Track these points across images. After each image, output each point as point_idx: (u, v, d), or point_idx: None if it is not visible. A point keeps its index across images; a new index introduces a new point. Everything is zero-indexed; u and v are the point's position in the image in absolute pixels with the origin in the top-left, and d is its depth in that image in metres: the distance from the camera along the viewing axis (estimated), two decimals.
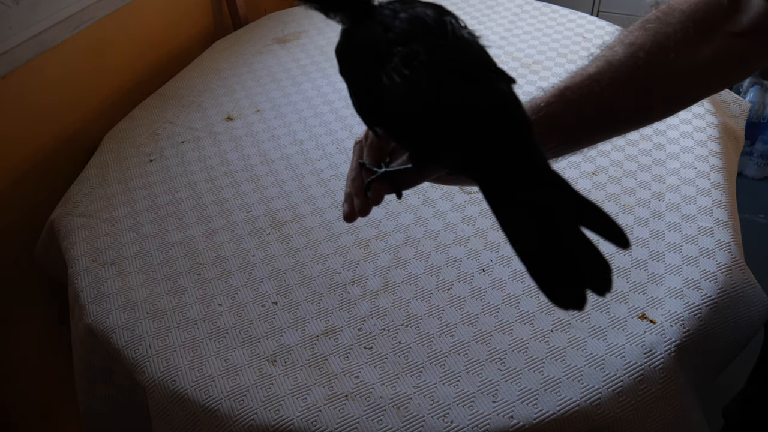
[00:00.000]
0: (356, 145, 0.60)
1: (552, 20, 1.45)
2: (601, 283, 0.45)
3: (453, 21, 0.49)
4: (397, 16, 0.48)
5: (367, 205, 0.57)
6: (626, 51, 0.57)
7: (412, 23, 0.48)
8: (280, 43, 1.42)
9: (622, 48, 0.58)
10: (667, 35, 0.57)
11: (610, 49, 0.59)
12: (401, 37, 0.47)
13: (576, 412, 0.67)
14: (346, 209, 0.58)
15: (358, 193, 0.57)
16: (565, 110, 0.57)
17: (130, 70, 1.27)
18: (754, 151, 2.02)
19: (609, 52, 0.58)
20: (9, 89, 0.99)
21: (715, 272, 0.81)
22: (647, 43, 0.57)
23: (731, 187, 0.97)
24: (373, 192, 0.56)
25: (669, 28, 0.57)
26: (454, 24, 0.49)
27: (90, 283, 0.84)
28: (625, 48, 0.58)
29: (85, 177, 1.03)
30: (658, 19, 0.58)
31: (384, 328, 0.77)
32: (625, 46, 0.58)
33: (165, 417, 0.71)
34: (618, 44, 0.58)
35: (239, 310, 0.80)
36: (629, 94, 0.57)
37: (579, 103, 0.57)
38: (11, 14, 0.95)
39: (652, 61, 0.56)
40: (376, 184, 0.56)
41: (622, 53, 0.57)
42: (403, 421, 0.66)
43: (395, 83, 0.46)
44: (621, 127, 0.63)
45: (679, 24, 0.57)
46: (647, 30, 0.58)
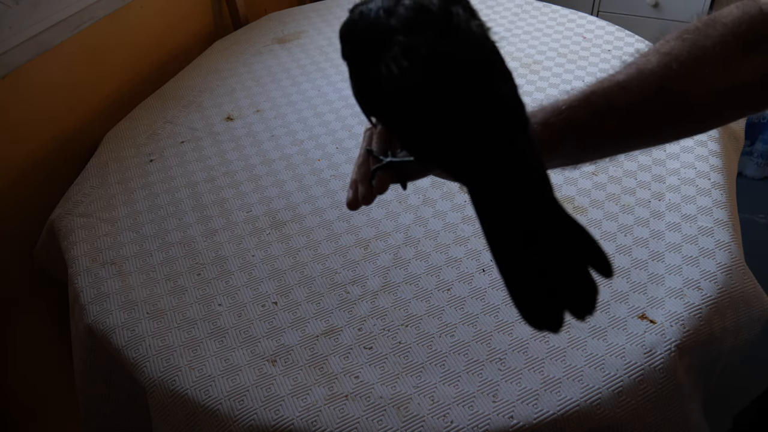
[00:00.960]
0: (366, 132, 0.59)
1: (552, 20, 1.45)
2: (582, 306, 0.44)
3: (460, 11, 0.47)
4: (401, 2, 0.47)
5: (371, 193, 0.55)
6: (660, 60, 0.54)
7: (416, 11, 0.46)
8: (280, 43, 1.42)
9: (656, 57, 0.55)
10: (705, 48, 0.53)
11: (643, 57, 0.56)
12: (404, 24, 0.45)
13: (576, 412, 0.67)
14: (350, 195, 0.57)
15: (363, 180, 0.55)
16: (587, 115, 0.55)
17: (130, 70, 1.27)
18: (754, 151, 2.02)
19: (642, 60, 0.55)
20: (9, 89, 0.99)
21: (715, 272, 0.81)
22: (683, 54, 0.53)
23: (731, 187, 0.97)
24: (378, 180, 0.54)
25: (708, 40, 0.53)
26: (461, 15, 0.47)
27: (90, 283, 0.84)
28: (659, 57, 0.54)
29: (85, 177, 1.03)
30: (697, 30, 0.55)
31: (384, 328, 0.77)
32: (660, 56, 0.54)
33: (165, 417, 0.71)
34: (653, 53, 0.55)
35: (239, 310, 0.80)
36: (658, 106, 0.54)
37: (603, 109, 0.55)
38: (11, 14, 0.95)
39: (686, 74, 0.53)
40: (381, 172, 0.54)
41: (655, 62, 0.54)
42: (403, 421, 0.66)
43: (393, 74, 0.45)
44: (647, 140, 0.60)
45: (720, 37, 0.53)
46: (684, 40, 0.54)
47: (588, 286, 0.44)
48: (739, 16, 0.53)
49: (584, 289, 0.44)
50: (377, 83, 0.46)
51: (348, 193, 0.56)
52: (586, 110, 0.55)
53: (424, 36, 0.45)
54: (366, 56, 0.47)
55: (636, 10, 2.03)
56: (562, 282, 0.44)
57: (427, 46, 0.45)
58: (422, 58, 0.44)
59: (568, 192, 0.95)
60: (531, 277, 0.44)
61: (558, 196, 0.45)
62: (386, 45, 0.45)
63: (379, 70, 0.46)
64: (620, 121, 0.55)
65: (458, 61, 0.45)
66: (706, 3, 1.94)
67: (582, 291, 0.44)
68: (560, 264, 0.43)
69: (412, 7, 0.46)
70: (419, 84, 0.45)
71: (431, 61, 0.44)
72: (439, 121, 0.45)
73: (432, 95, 0.45)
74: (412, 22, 0.45)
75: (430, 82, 0.44)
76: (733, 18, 0.53)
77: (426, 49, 0.45)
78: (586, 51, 1.32)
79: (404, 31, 0.45)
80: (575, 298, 0.44)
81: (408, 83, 0.45)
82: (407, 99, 0.45)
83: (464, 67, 0.45)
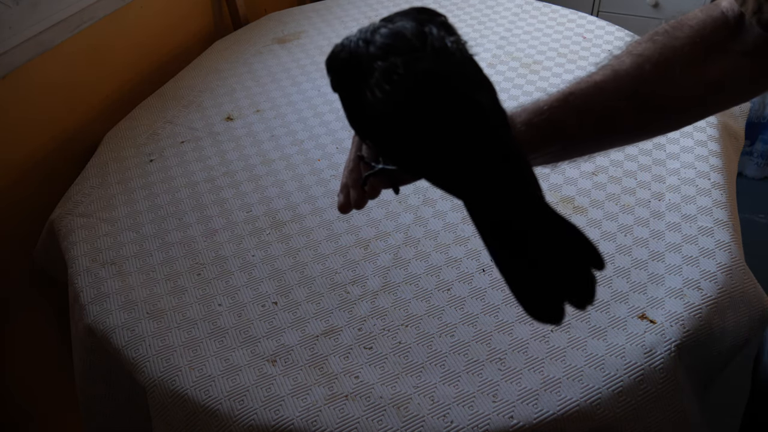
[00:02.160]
0: (355, 137, 0.60)
1: (552, 20, 1.45)
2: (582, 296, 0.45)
3: (434, 30, 0.49)
4: (377, 31, 0.49)
5: (363, 197, 0.57)
6: (633, 62, 0.57)
7: (391, 37, 0.49)
8: (280, 43, 1.42)
9: (629, 59, 0.57)
10: (675, 49, 0.56)
11: (617, 59, 0.58)
12: (382, 51, 0.48)
13: (576, 412, 0.67)
14: (341, 200, 0.58)
15: (354, 186, 0.57)
16: (567, 115, 0.57)
17: (130, 70, 1.27)
18: (754, 151, 2.02)
19: (616, 62, 0.58)
20: (9, 89, 0.99)
21: (715, 272, 0.81)
22: (654, 56, 0.56)
23: (731, 187, 0.97)
24: (370, 186, 0.56)
25: (677, 42, 0.56)
26: (435, 34, 0.49)
27: (90, 283, 0.84)
28: (632, 59, 0.57)
29: (85, 177, 1.03)
30: (666, 33, 0.57)
31: (384, 328, 0.77)
32: (633, 57, 0.57)
33: (165, 417, 0.71)
34: (626, 54, 0.58)
35: (239, 310, 0.80)
36: (633, 105, 0.57)
37: (582, 109, 0.57)
38: (11, 14, 0.95)
39: (658, 75, 0.56)
40: (374, 178, 0.56)
41: (628, 63, 0.57)
42: (403, 421, 0.66)
43: (377, 99, 0.47)
44: (624, 138, 0.63)
45: (687, 39, 0.56)
46: (655, 42, 0.57)
47: (586, 278, 0.46)
48: (703, 19, 0.56)
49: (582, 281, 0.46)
50: (365, 109, 0.49)
51: (339, 197, 0.58)
52: (566, 111, 0.57)
53: (400, 59, 0.47)
54: (351, 85, 0.50)
55: (636, 10, 2.03)
56: (561, 276, 0.46)
57: (403, 67, 0.47)
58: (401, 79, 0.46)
59: (568, 192, 0.95)
60: (530, 274, 0.46)
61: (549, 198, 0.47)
62: (368, 72, 0.48)
63: (364, 96, 0.48)
64: (598, 121, 0.57)
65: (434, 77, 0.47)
66: (705, 3, 1.94)
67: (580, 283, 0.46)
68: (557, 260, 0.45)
69: (387, 34, 0.49)
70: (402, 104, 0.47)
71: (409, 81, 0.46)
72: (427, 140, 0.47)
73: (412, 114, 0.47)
74: (388, 47, 0.48)
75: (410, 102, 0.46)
76: (698, 21, 0.56)
77: (403, 69, 0.46)
78: (586, 51, 1.32)
79: (382, 57, 0.48)
80: (574, 289, 0.46)
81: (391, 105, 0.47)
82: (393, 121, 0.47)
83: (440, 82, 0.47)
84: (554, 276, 0.45)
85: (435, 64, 0.47)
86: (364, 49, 0.49)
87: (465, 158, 0.46)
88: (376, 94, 0.47)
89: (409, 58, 0.47)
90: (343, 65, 0.51)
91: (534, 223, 0.45)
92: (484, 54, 1.32)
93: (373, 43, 0.49)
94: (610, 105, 0.56)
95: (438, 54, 0.48)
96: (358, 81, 0.49)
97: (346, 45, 0.51)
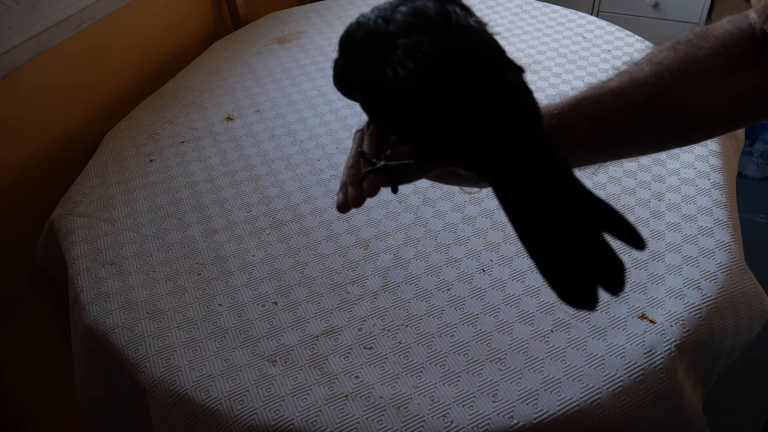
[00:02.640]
0: (357, 133, 0.59)
1: (552, 20, 1.45)
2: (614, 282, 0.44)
3: (457, 9, 0.48)
4: (396, 9, 0.47)
5: (361, 195, 0.55)
6: (652, 70, 0.54)
7: (412, 15, 0.47)
8: (280, 43, 1.42)
9: (648, 66, 0.55)
10: (697, 60, 0.53)
11: (636, 66, 0.56)
12: (403, 28, 0.46)
13: (576, 412, 0.67)
14: (340, 198, 0.57)
15: (353, 182, 0.55)
16: (578, 121, 0.55)
17: (130, 70, 1.27)
18: (754, 151, 2.02)
19: (635, 69, 0.56)
20: (9, 89, 0.99)
21: (715, 272, 0.81)
22: (674, 65, 0.54)
23: (731, 187, 0.97)
24: (369, 183, 0.54)
25: (700, 52, 0.54)
26: (459, 13, 0.47)
27: (90, 283, 0.84)
28: (651, 67, 0.55)
29: (85, 177, 1.03)
30: (689, 42, 0.55)
31: (384, 328, 0.77)
32: (652, 65, 0.55)
33: (165, 417, 0.71)
34: (645, 62, 0.56)
35: (239, 310, 0.80)
36: (650, 115, 0.55)
37: (595, 115, 0.55)
38: (11, 14, 0.95)
39: (678, 85, 0.53)
40: (373, 175, 0.54)
41: (647, 71, 0.55)
42: (403, 421, 0.66)
43: (400, 77, 0.45)
44: (639, 148, 0.61)
45: (711, 50, 0.53)
46: (677, 51, 0.55)
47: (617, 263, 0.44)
48: (729, 30, 0.53)
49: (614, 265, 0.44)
50: (385, 89, 0.47)
51: (338, 196, 0.56)
52: (578, 116, 0.55)
53: (426, 36, 0.45)
54: (369, 64, 0.48)
55: (636, 10, 2.03)
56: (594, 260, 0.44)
57: (429, 45, 0.45)
58: (427, 57, 0.45)
59: None
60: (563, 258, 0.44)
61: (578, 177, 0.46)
62: (389, 50, 0.46)
63: (385, 75, 0.46)
64: (611, 129, 0.56)
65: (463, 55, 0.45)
66: (705, 3, 1.94)
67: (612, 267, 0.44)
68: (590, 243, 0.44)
69: (408, 12, 0.47)
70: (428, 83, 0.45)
71: (436, 58, 0.45)
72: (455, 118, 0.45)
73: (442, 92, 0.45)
74: (410, 26, 0.46)
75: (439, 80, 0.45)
76: (724, 32, 0.54)
77: (429, 47, 0.45)
78: (586, 51, 1.32)
79: (404, 35, 0.46)
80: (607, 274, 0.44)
81: (417, 83, 0.45)
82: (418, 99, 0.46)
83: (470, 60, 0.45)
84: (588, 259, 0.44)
85: (463, 42, 0.46)
86: (384, 27, 0.47)
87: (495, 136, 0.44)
88: (399, 72, 0.45)
89: (435, 36, 0.45)
90: (360, 43, 0.49)
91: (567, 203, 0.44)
92: None
93: (393, 22, 0.47)
94: (625, 113, 0.55)
95: (464, 32, 0.46)
96: (378, 60, 0.47)
97: (363, 23, 0.49)
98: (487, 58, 0.46)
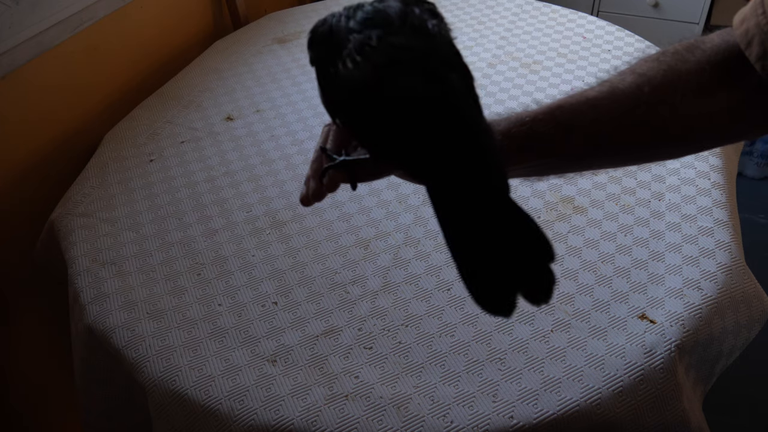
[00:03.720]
0: (324, 128, 0.59)
1: (552, 20, 1.45)
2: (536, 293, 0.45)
3: (416, 11, 0.49)
4: (361, 8, 0.49)
5: (321, 190, 0.55)
6: (633, 81, 0.53)
7: (372, 13, 0.49)
8: (280, 43, 1.42)
9: (631, 77, 0.53)
10: (680, 73, 0.51)
11: (619, 75, 0.54)
12: (360, 26, 0.48)
13: (576, 412, 0.67)
14: (303, 191, 0.57)
15: (314, 177, 0.56)
16: (551, 129, 0.54)
17: (130, 69, 1.27)
18: (754, 151, 2.02)
19: (617, 78, 0.54)
20: (9, 89, 0.99)
21: (715, 272, 0.81)
22: (657, 78, 0.52)
23: (731, 187, 0.97)
24: (329, 179, 0.55)
25: (684, 65, 0.52)
26: (416, 14, 0.49)
27: (90, 283, 0.84)
28: (633, 78, 0.53)
29: (85, 177, 1.03)
30: (676, 54, 0.53)
31: (384, 328, 0.77)
32: (635, 76, 0.53)
33: (165, 417, 0.71)
34: (628, 72, 0.54)
35: (239, 310, 0.80)
36: (624, 127, 0.53)
37: (568, 125, 0.53)
38: (11, 14, 0.95)
39: (657, 99, 0.52)
40: (333, 171, 0.55)
41: (628, 82, 0.53)
42: (403, 421, 0.66)
43: (348, 70, 0.47)
44: (612, 160, 0.59)
45: (696, 64, 0.51)
46: (661, 63, 0.53)
47: (544, 275, 0.44)
48: (717, 44, 0.52)
49: (539, 277, 0.45)
50: (336, 81, 0.48)
51: (303, 189, 0.57)
52: (550, 124, 0.54)
53: (375, 31, 0.47)
54: (327, 58, 0.50)
55: (636, 10, 2.03)
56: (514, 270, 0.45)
57: (377, 39, 0.47)
58: (373, 50, 0.46)
59: (568, 192, 0.95)
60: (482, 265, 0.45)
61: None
62: (343, 44, 0.48)
63: (337, 68, 0.48)
64: (585, 139, 0.54)
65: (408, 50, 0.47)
66: (705, 3, 1.94)
67: (536, 278, 0.45)
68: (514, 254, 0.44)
69: (370, 11, 0.49)
70: (370, 77, 0.46)
71: (382, 51, 0.46)
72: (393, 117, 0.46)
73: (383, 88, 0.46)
74: (367, 22, 0.48)
75: (381, 75, 0.46)
76: (713, 46, 0.52)
77: (376, 42, 0.46)
78: (586, 51, 1.32)
79: (359, 30, 0.48)
80: (531, 285, 0.45)
81: (360, 77, 0.46)
82: (361, 93, 0.47)
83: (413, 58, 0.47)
84: (508, 267, 0.44)
85: (409, 40, 0.47)
86: (345, 23, 0.49)
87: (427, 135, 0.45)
88: (347, 65, 0.47)
89: (385, 32, 0.47)
90: (322, 39, 0.51)
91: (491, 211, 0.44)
92: (484, 54, 1.32)
93: (353, 18, 0.49)
94: (599, 124, 0.53)
95: (415, 32, 0.48)
96: (333, 53, 0.49)
97: (328, 20, 0.51)
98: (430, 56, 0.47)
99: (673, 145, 0.55)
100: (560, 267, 0.83)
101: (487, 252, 0.44)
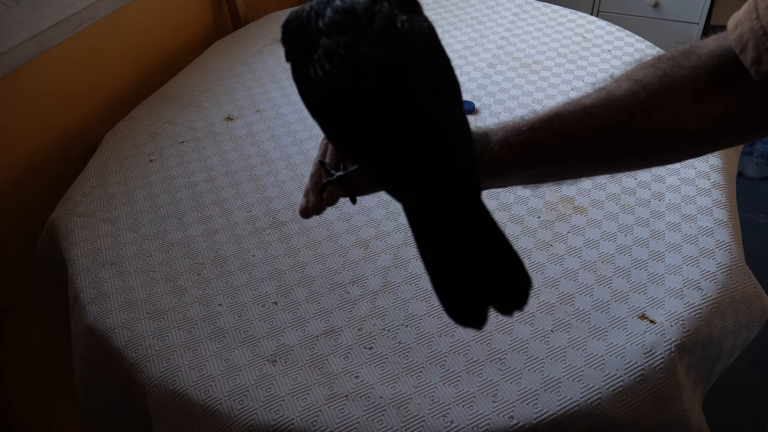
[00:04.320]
0: (323, 141, 0.59)
1: (552, 20, 1.45)
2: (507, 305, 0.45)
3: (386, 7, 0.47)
4: (331, 4, 0.48)
5: (321, 204, 0.56)
6: (629, 88, 0.52)
7: (341, 13, 0.47)
8: (280, 43, 1.42)
9: (627, 84, 0.53)
10: (676, 79, 0.51)
11: (615, 82, 0.54)
12: (329, 26, 0.47)
13: (576, 412, 0.67)
14: (302, 204, 0.57)
15: (314, 190, 0.56)
16: (548, 138, 0.54)
17: (130, 69, 1.27)
18: (754, 151, 2.02)
19: (613, 85, 0.54)
20: (9, 89, 0.99)
21: (715, 272, 0.81)
22: (653, 84, 0.52)
23: (731, 187, 0.97)
24: (328, 194, 0.55)
25: (680, 71, 0.51)
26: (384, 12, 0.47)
27: (90, 283, 0.84)
28: (629, 84, 0.53)
29: (85, 177, 1.03)
30: (671, 60, 0.52)
31: (384, 328, 0.77)
32: (631, 83, 0.53)
33: (165, 417, 0.71)
34: (624, 79, 0.54)
35: (239, 310, 0.80)
36: (622, 134, 0.53)
37: (566, 133, 0.53)
38: (11, 14, 0.95)
39: (653, 105, 0.51)
40: (332, 186, 0.55)
41: (624, 89, 0.53)
42: (403, 421, 0.66)
43: (319, 78, 0.47)
44: (610, 167, 0.59)
45: (692, 69, 0.51)
46: (656, 69, 0.52)
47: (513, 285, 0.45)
48: (714, 50, 0.51)
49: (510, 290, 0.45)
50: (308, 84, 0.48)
51: (302, 201, 0.57)
52: (547, 133, 0.54)
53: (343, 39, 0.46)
54: (299, 58, 0.49)
55: (636, 10, 2.03)
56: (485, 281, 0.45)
57: (344, 48, 0.46)
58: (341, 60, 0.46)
59: (568, 192, 0.95)
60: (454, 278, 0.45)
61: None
62: (312, 47, 0.47)
63: (308, 72, 0.48)
64: (582, 147, 0.54)
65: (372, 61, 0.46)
66: (705, 3, 1.94)
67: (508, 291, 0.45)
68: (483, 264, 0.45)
69: (338, 9, 0.47)
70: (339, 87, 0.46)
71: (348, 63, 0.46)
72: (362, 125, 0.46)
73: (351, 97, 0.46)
74: (335, 24, 0.47)
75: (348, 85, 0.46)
76: (708, 51, 0.52)
77: (344, 50, 0.46)
78: (586, 51, 1.32)
79: (327, 33, 0.47)
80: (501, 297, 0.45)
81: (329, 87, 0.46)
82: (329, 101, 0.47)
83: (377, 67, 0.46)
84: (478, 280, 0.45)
85: (374, 48, 0.46)
86: (314, 21, 0.48)
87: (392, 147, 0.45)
88: (318, 72, 0.47)
89: (351, 40, 0.46)
90: (293, 36, 0.50)
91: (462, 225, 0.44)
92: (484, 54, 1.32)
93: (322, 17, 0.48)
94: (596, 132, 0.53)
95: (381, 36, 0.46)
96: (305, 55, 0.48)
97: (299, 13, 0.50)
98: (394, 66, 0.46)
99: (672, 150, 0.55)
100: (560, 267, 0.83)
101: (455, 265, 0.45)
